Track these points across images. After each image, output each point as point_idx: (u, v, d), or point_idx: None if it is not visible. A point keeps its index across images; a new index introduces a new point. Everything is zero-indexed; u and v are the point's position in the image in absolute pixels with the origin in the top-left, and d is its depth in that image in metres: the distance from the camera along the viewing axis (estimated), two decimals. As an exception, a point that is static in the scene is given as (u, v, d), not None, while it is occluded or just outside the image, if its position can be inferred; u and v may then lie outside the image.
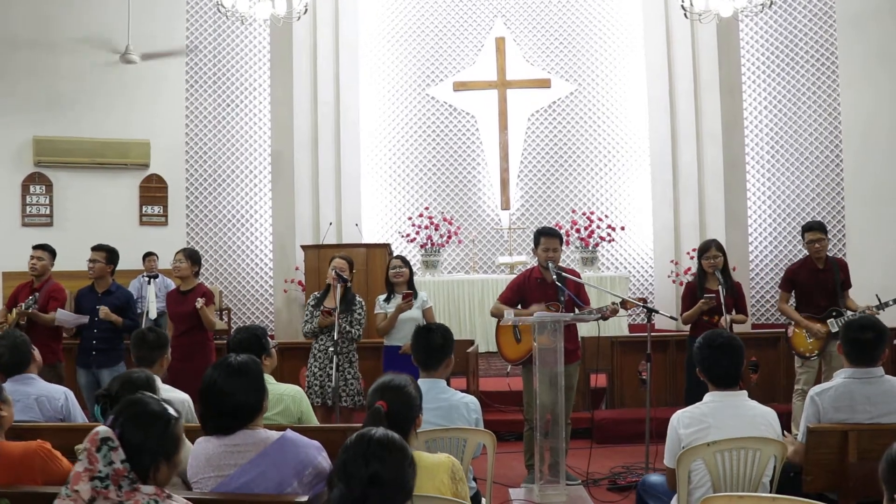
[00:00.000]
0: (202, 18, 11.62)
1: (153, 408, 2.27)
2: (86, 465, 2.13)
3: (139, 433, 2.20)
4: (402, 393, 2.80)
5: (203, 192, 11.59)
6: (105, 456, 2.14)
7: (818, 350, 6.09)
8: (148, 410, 2.26)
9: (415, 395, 2.84)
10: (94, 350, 6.18)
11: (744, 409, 3.40)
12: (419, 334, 3.90)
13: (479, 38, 12.31)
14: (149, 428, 2.22)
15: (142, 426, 2.22)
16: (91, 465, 2.13)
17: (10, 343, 4.12)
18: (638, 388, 7.45)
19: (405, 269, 6.16)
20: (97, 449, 2.14)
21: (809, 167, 11.21)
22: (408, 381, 2.87)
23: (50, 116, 10.77)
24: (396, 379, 2.86)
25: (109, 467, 2.13)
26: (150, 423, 2.24)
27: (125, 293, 6.49)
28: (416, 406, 2.83)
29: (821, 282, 6.14)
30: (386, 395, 2.75)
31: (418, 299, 6.06)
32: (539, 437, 4.97)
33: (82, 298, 6.39)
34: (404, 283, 6.14)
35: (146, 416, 2.24)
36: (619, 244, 11.90)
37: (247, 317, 11.60)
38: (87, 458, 2.14)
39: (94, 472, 2.12)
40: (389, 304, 6.06)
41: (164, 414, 2.28)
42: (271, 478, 2.65)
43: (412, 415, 2.80)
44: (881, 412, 3.60)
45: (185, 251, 6.41)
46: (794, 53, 11.33)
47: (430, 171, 12.25)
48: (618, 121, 12.15)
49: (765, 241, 11.40)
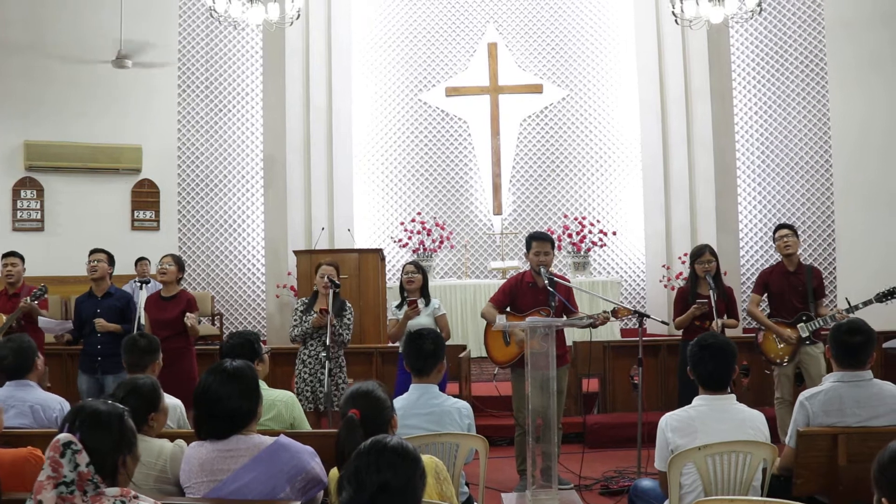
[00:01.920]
0: (195, 23, 11.62)
1: (102, 407, 2.34)
2: (48, 474, 2.13)
3: (99, 433, 2.25)
4: (370, 398, 2.88)
5: (195, 197, 11.57)
6: (70, 460, 2.14)
7: (788, 355, 6.02)
8: (100, 410, 2.32)
9: (384, 398, 2.93)
10: (99, 356, 6.14)
11: (732, 412, 3.42)
12: (410, 341, 3.91)
13: (472, 43, 12.34)
14: (107, 426, 2.28)
15: (100, 426, 2.27)
16: (55, 472, 2.13)
17: (16, 346, 4.10)
18: (630, 392, 7.46)
19: (418, 276, 6.12)
20: (61, 454, 2.15)
21: (799, 172, 11.28)
22: (375, 386, 2.95)
23: (42, 121, 10.75)
24: (363, 386, 2.94)
25: (75, 472, 2.14)
26: (108, 421, 2.30)
27: (124, 295, 6.47)
28: (387, 408, 2.92)
29: (792, 284, 6.10)
30: (357, 403, 2.83)
31: (430, 306, 6.06)
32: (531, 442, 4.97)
33: (81, 305, 6.37)
34: (417, 289, 6.11)
35: (100, 415, 2.30)
36: (611, 249, 11.93)
37: (239, 322, 11.57)
38: (50, 466, 2.13)
39: (59, 478, 2.12)
40: (401, 310, 6.05)
41: (115, 409, 2.35)
42: (264, 483, 2.65)
43: (385, 417, 2.88)
44: (870, 415, 3.62)
45: (173, 256, 6.40)
46: (783, 60, 11.41)
47: (423, 176, 12.26)
48: (609, 126, 12.20)
49: (755, 245, 11.45)
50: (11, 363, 4.06)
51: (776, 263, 6.44)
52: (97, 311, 6.20)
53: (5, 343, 4.18)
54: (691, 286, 6.13)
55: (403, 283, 6.16)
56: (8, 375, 4.07)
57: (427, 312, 6.01)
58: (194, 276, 11.43)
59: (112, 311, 6.20)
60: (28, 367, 4.10)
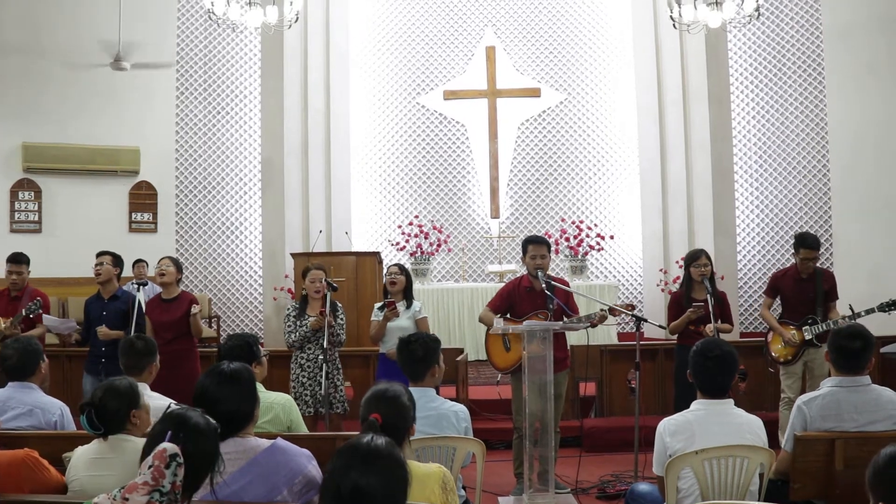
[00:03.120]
0: (193, 26, 11.62)
1: (201, 421, 2.34)
2: (146, 479, 2.16)
3: (203, 446, 2.28)
4: (396, 404, 2.79)
5: (193, 200, 11.56)
6: (173, 472, 2.17)
7: (791, 356, 6.13)
8: (202, 426, 2.33)
9: (409, 406, 2.84)
10: (103, 357, 6.13)
11: (730, 417, 3.42)
12: (401, 347, 3.92)
13: (470, 47, 12.36)
14: (209, 440, 2.32)
15: (204, 440, 2.30)
16: (154, 480, 2.16)
17: (22, 347, 4.08)
18: (627, 396, 7.46)
19: (401, 277, 6.05)
20: (166, 465, 2.17)
21: (797, 177, 11.30)
22: (402, 392, 2.85)
23: (39, 122, 10.74)
24: (391, 389, 2.84)
25: (171, 483, 2.17)
26: (211, 436, 2.33)
27: (130, 298, 6.46)
28: (409, 416, 2.83)
29: (802, 290, 6.19)
30: (381, 407, 2.73)
31: (411, 309, 6.02)
32: (528, 446, 4.97)
33: (90, 307, 6.36)
34: (400, 291, 6.06)
35: (202, 432, 2.32)
36: (608, 253, 11.94)
37: (236, 324, 11.56)
38: (152, 473, 2.16)
39: (156, 486, 2.16)
40: (382, 312, 6.04)
41: (211, 426, 2.36)
42: (261, 486, 2.65)
43: (406, 425, 2.79)
44: (868, 420, 3.62)
45: (171, 258, 6.39)
46: (781, 64, 11.43)
47: (420, 179, 12.27)
48: (607, 130, 12.22)
49: (752, 249, 11.47)
50: (16, 363, 4.04)
51: (789, 266, 6.50)
52: (103, 313, 6.19)
53: (11, 343, 4.16)
54: (685, 290, 6.17)
55: (386, 285, 6.13)
56: (11, 376, 4.05)
57: (408, 315, 5.97)
58: (191, 278, 11.42)
59: (117, 314, 6.19)
60: (32, 370, 4.08)
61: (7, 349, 4.10)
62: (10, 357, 4.05)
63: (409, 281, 6.15)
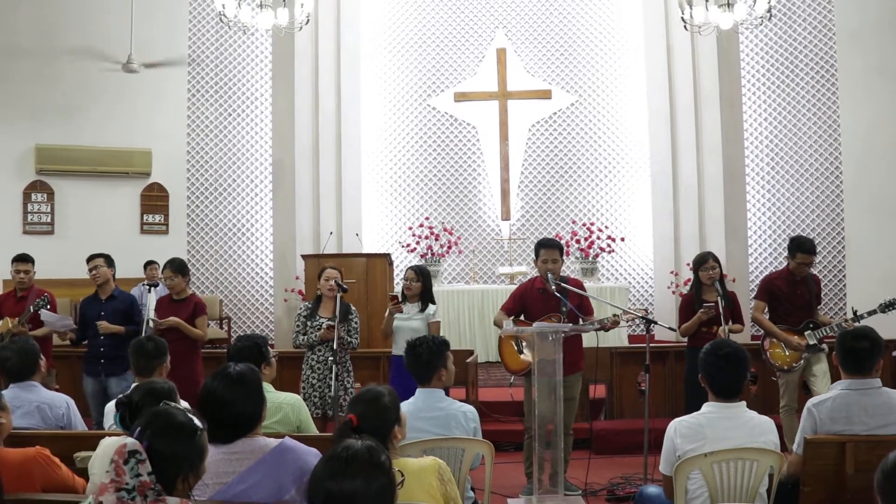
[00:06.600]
0: (204, 28, 11.66)
1: (179, 419, 2.29)
2: (112, 477, 2.15)
3: (167, 445, 2.21)
4: (376, 405, 2.79)
5: (204, 201, 11.60)
6: (133, 469, 2.15)
7: (795, 362, 6.01)
8: (175, 422, 2.27)
9: (389, 406, 2.82)
10: (101, 358, 6.16)
11: (742, 419, 3.40)
12: (407, 351, 3.94)
13: (481, 48, 12.36)
14: (176, 440, 2.24)
15: (169, 438, 2.23)
16: (118, 476, 2.14)
17: (19, 348, 4.12)
18: (637, 398, 7.44)
19: (417, 284, 6.12)
20: (125, 461, 2.15)
21: (809, 179, 11.24)
22: (383, 393, 2.84)
23: (52, 125, 10.79)
24: (372, 390, 2.85)
25: (136, 479, 2.15)
26: (178, 435, 2.25)
27: (128, 297, 6.50)
28: (390, 417, 2.81)
29: (798, 293, 6.09)
30: (358, 408, 2.74)
31: (426, 311, 6.06)
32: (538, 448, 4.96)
33: (86, 307, 6.40)
34: (416, 295, 6.11)
35: (173, 427, 2.26)
36: (619, 255, 11.91)
37: (247, 326, 11.59)
38: (114, 470, 2.15)
39: (121, 483, 2.14)
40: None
41: (189, 425, 2.29)
42: (270, 485, 2.65)
43: (387, 426, 2.78)
44: (878, 424, 3.59)
45: (172, 266, 6.35)
46: (793, 66, 11.37)
47: (431, 181, 12.27)
48: (618, 132, 12.18)
49: (764, 252, 11.41)
50: (15, 365, 4.08)
51: (781, 269, 6.42)
52: (101, 313, 6.23)
53: (9, 345, 4.20)
54: (696, 293, 6.15)
55: (403, 288, 6.19)
56: (12, 378, 4.09)
57: (421, 317, 6.02)
58: (202, 279, 11.46)
59: (116, 314, 6.23)
60: (32, 370, 4.12)
61: (4, 351, 4.13)
62: (8, 359, 4.09)
63: (427, 284, 6.19)
